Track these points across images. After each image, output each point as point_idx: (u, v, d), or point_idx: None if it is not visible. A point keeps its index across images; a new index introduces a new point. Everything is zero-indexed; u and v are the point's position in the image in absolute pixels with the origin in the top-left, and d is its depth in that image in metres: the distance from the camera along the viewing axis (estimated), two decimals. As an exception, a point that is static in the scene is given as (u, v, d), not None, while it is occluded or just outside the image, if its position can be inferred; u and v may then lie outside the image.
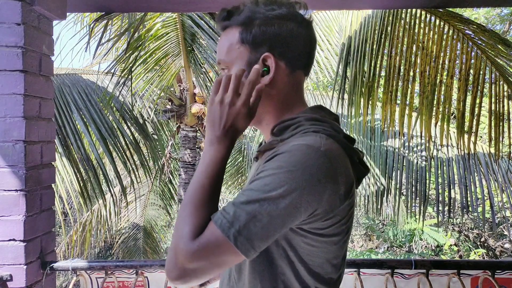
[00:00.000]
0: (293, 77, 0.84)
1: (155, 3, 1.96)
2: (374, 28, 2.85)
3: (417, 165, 3.94)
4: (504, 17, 7.98)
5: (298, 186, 0.69)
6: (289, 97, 0.84)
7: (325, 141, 0.74)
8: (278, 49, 0.81)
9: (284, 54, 0.81)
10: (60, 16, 1.71)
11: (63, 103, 3.29)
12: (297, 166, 0.70)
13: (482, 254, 7.16)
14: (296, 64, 0.83)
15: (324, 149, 0.72)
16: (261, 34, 0.81)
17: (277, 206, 0.68)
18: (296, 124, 0.80)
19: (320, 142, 0.73)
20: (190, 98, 5.24)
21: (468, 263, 1.60)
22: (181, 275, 0.69)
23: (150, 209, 7.28)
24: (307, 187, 0.69)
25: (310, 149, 0.72)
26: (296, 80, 0.84)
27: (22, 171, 1.50)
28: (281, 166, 0.71)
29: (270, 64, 0.81)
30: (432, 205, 6.24)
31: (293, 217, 0.70)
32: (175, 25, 4.18)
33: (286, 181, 0.69)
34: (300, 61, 0.83)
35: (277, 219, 0.69)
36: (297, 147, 0.73)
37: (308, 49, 0.84)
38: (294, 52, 0.82)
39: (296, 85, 0.85)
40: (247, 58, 0.82)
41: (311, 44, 0.84)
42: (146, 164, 4.01)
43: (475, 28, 2.66)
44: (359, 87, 2.86)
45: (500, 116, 2.62)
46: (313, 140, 0.74)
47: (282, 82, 0.83)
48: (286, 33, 0.80)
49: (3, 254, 1.49)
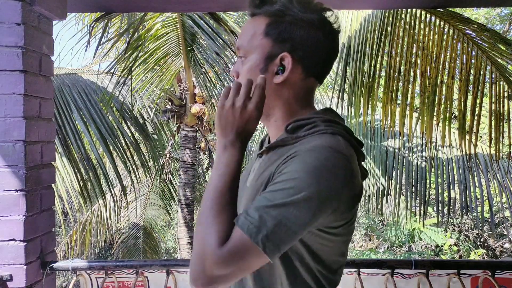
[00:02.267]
0: (306, 82, 0.84)
1: (155, 3, 1.96)
2: (374, 28, 2.85)
3: (417, 165, 3.94)
4: (504, 17, 7.98)
5: (323, 189, 0.70)
6: (299, 100, 0.84)
7: (343, 143, 0.76)
8: (298, 53, 0.80)
9: (303, 59, 0.81)
10: (60, 16, 1.71)
11: (63, 103, 3.29)
12: (320, 169, 0.71)
13: (482, 254, 7.16)
14: (312, 71, 0.83)
15: (344, 152, 0.74)
16: (287, 32, 0.80)
17: (302, 209, 0.69)
18: (312, 124, 0.80)
19: (340, 144, 0.75)
20: (190, 98, 5.24)
21: (468, 263, 1.60)
22: (210, 281, 0.69)
23: (150, 209, 7.28)
24: (331, 190, 0.71)
25: (332, 151, 0.73)
26: (308, 86, 0.85)
27: (22, 171, 1.50)
28: (304, 168, 0.71)
29: (287, 65, 0.80)
30: (432, 205, 6.24)
31: (317, 219, 0.71)
32: (175, 25, 4.18)
33: (310, 184, 0.69)
34: (316, 69, 0.83)
35: (303, 223, 0.69)
36: (319, 149, 0.73)
37: (328, 61, 0.84)
38: (313, 60, 0.82)
39: (308, 90, 0.85)
40: (266, 51, 0.81)
41: (331, 56, 0.85)
42: (146, 164, 4.01)
43: (475, 28, 2.66)
44: (359, 87, 2.85)
45: (500, 116, 2.62)
46: (333, 142, 0.75)
47: (294, 84, 0.83)
48: (311, 41, 0.80)
49: (3, 254, 1.49)
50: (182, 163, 5.57)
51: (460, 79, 2.65)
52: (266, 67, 0.82)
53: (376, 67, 2.81)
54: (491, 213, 3.96)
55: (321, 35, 0.81)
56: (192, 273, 0.71)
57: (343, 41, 3.09)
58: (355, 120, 3.22)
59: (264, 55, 0.82)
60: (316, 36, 0.80)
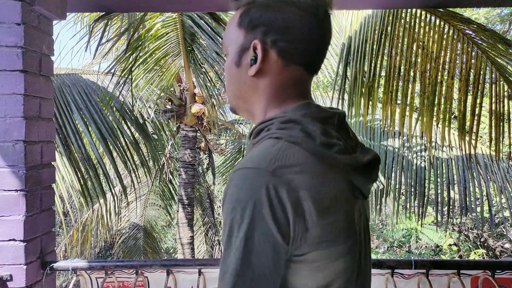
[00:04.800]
0: (288, 72, 0.73)
1: (155, 3, 1.96)
2: (374, 28, 2.85)
3: (417, 165, 3.94)
4: (504, 17, 7.97)
5: (242, 225, 0.60)
6: (280, 92, 0.73)
7: (283, 152, 0.64)
8: (270, 37, 0.71)
9: (277, 43, 0.71)
10: (60, 16, 1.71)
11: (63, 103, 3.29)
12: (239, 202, 0.61)
13: (482, 254, 7.16)
14: (292, 57, 0.72)
15: (272, 169, 0.61)
16: (257, 17, 0.72)
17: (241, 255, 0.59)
18: (267, 126, 0.71)
19: (273, 156, 0.63)
20: (190, 98, 5.24)
21: (468, 263, 1.60)
22: None
23: (150, 209, 7.29)
24: (256, 220, 0.60)
25: (251, 174, 0.62)
26: (292, 75, 0.73)
27: (22, 171, 1.50)
28: (227, 208, 0.62)
29: (258, 53, 0.72)
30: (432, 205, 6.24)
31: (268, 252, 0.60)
32: (175, 25, 4.18)
33: (235, 223, 0.60)
34: (297, 55, 0.72)
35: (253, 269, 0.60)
36: (237, 174, 0.63)
37: (312, 44, 0.72)
38: (289, 42, 0.71)
39: (291, 80, 0.73)
40: (240, 43, 0.74)
41: (313, 36, 0.71)
42: (146, 164, 4.01)
43: (475, 28, 2.66)
44: (359, 87, 2.85)
45: (500, 116, 2.62)
46: (264, 154, 0.64)
47: (272, 74, 0.73)
48: (285, 21, 0.70)
49: (3, 254, 1.49)
50: (182, 163, 5.57)
51: (460, 79, 2.65)
52: (240, 59, 0.75)
53: (376, 67, 2.81)
54: (491, 213, 3.96)
55: (293, 12, 0.70)
56: None
57: (343, 41, 3.09)
58: (355, 120, 3.22)
59: (237, 47, 0.75)
60: (287, 14, 0.70)
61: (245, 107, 0.79)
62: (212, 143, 6.41)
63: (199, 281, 1.60)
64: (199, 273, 1.61)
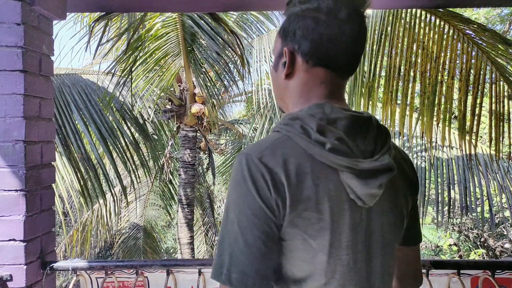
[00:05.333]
0: (312, 73, 0.80)
1: (155, 3, 1.96)
2: (374, 28, 2.85)
3: (417, 165, 3.94)
4: (504, 17, 7.98)
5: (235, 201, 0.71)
6: (305, 92, 0.81)
7: (277, 143, 0.73)
8: (296, 44, 0.79)
9: (300, 47, 0.79)
10: (60, 16, 1.71)
11: (63, 103, 3.29)
12: (233, 179, 0.72)
13: (482, 254, 7.16)
14: (315, 60, 0.79)
15: (261, 155, 0.71)
16: (287, 27, 0.81)
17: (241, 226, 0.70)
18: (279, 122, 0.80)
19: (266, 145, 0.73)
20: (190, 98, 5.24)
21: (468, 263, 1.60)
22: None
23: (150, 209, 7.29)
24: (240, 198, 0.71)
25: (242, 159, 0.72)
26: (315, 76, 0.80)
27: (22, 171, 1.50)
28: (229, 185, 0.75)
29: (286, 58, 0.81)
30: (431, 205, 6.24)
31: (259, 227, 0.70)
32: (175, 25, 4.18)
33: (230, 200, 0.72)
34: (319, 58, 0.78)
35: (248, 238, 0.70)
36: (236, 159, 0.75)
37: (330, 44, 0.77)
38: (310, 46, 0.78)
39: (316, 81, 0.80)
40: (278, 50, 0.85)
41: (334, 38, 0.77)
42: (146, 164, 4.01)
43: (475, 28, 2.66)
44: (359, 87, 2.86)
45: (501, 116, 2.62)
46: (261, 143, 0.74)
47: (299, 77, 0.81)
48: (304, 26, 0.78)
49: (3, 254, 1.49)
50: (182, 163, 5.58)
51: (460, 79, 2.65)
52: (277, 64, 0.85)
53: (376, 67, 2.81)
54: (491, 213, 3.95)
55: (316, 18, 0.77)
56: None
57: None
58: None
59: (276, 54, 0.85)
60: (310, 21, 0.77)
61: (284, 107, 0.88)
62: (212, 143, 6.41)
63: (199, 281, 1.60)
64: (199, 273, 1.61)
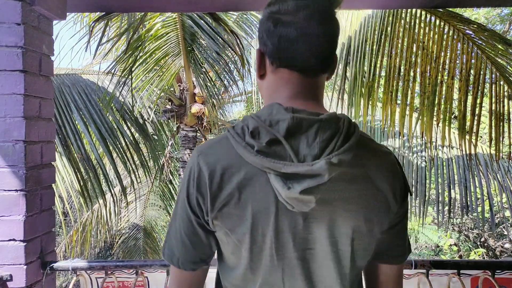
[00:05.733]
0: (277, 74, 0.80)
1: (155, 3, 1.96)
2: (374, 28, 2.85)
3: (417, 165, 3.94)
4: (504, 17, 7.98)
5: (180, 190, 0.80)
6: (272, 93, 0.82)
7: (218, 142, 0.78)
8: (263, 46, 0.80)
9: (265, 51, 0.80)
10: (60, 16, 1.71)
11: (63, 103, 3.29)
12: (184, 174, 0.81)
13: (482, 254, 7.16)
14: (278, 62, 0.79)
15: (201, 152, 0.78)
16: (259, 30, 0.82)
17: (173, 215, 0.83)
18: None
19: (211, 144, 0.79)
20: (190, 98, 5.24)
21: (468, 263, 1.60)
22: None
23: (150, 209, 7.28)
24: (182, 188, 0.80)
25: (192, 155, 0.80)
26: (280, 77, 0.80)
27: (22, 171, 1.50)
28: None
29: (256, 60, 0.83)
30: (432, 205, 6.23)
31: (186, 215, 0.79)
32: (175, 25, 4.18)
33: (179, 190, 0.83)
34: (279, 59, 0.78)
35: (176, 223, 0.82)
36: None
37: (290, 45, 0.76)
38: (272, 49, 0.78)
39: (280, 82, 0.80)
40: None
41: (293, 39, 0.76)
42: (146, 164, 4.01)
43: (475, 28, 2.66)
44: (359, 87, 2.85)
45: (501, 116, 2.62)
46: (209, 142, 0.81)
47: (268, 78, 0.82)
48: (266, 29, 0.78)
49: (3, 254, 1.49)
50: (182, 163, 5.57)
51: (460, 79, 2.65)
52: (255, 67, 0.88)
53: (376, 67, 2.81)
54: (491, 213, 3.95)
55: (276, 21, 0.77)
56: None
57: (343, 40, 3.09)
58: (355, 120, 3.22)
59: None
60: (269, 26, 0.78)
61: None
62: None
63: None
64: (199, 273, 1.61)
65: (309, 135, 0.72)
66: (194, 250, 0.81)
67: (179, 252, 0.81)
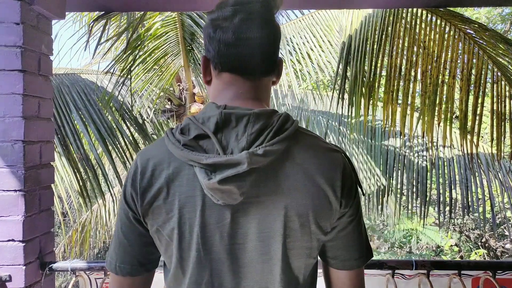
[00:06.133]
0: (219, 78, 0.82)
1: (155, 3, 1.95)
2: (375, 28, 2.84)
3: (418, 165, 3.93)
4: (505, 16, 7.98)
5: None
6: (217, 96, 0.83)
7: (158, 141, 0.80)
8: (207, 52, 0.83)
9: (209, 56, 0.82)
10: (59, 15, 1.71)
11: (62, 103, 3.28)
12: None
13: (483, 255, 7.16)
14: (218, 66, 0.81)
15: (141, 152, 0.81)
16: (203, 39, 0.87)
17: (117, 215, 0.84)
18: None
19: (150, 146, 0.81)
20: (190, 97, 5.23)
21: (469, 263, 1.59)
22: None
23: (150, 209, 7.25)
24: (123, 189, 0.81)
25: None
26: (222, 82, 0.82)
27: (21, 171, 1.49)
28: None
29: (201, 66, 0.85)
30: (433, 205, 6.23)
31: (124, 217, 0.81)
32: (174, 25, 4.17)
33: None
34: (220, 64, 0.80)
35: (118, 226, 0.83)
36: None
37: (226, 52, 0.78)
38: (212, 54, 0.81)
39: (222, 85, 0.82)
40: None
41: (230, 43, 0.78)
42: (146, 164, 3.99)
43: (476, 28, 2.65)
44: (360, 86, 2.84)
45: (502, 116, 2.61)
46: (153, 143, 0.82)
47: (213, 82, 0.84)
48: (207, 35, 0.81)
49: (2, 255, 1.49)
50: (182, 163, 5.56)
51: (461, 79, 2.64)
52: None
53: (376, 66, 2.80)
54: (493, 213, 3.95)
55: (212, 28, 0.80)
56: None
57: (344, 40, 3.08)
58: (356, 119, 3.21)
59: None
60: (208, 31, 0.81)
61: None
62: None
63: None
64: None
65: (239, 129, 0.73)
66: (131, 249, 0.81)
67: (117, 253, 0.82)
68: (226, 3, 0.79)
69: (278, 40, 0.81)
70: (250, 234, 0.75)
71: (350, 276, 0.83)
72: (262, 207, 0.74)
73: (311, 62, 4.42)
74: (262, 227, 0.74)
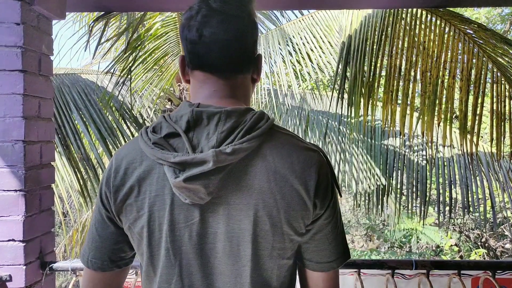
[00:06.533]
0: (193, 76, 0.83)
1: (155, 3, 1.95)
2: (375, 28, 2.84)
3: (418, 164, 3.93)
4: (505, 16, 7.98)
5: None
6: (194, 94, 0.83)
7: (133, 140, 0.81)
8: (184, 52, 0.83)
9: (185, 54, 0.83)
10: (59, 15, 1.71)
11: (62, 103, 3.28)
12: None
13: (483, 255, 7.16)
14: (189, 64, 0.82)
15: (118, 152, 0.81)
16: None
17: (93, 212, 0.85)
18: None
19: (127, 144, 0.82)
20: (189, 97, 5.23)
21: (468, 263, 1.59)
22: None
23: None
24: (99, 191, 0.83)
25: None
26: (196, 80, 0.82)
27: (22, 171, 1.50)
28: None
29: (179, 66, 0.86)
30: (433, 205, 6.23)
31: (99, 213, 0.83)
32: (174, 25, 4.17)
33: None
34: (191, 62, 0.81)
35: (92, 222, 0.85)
36: None
37: (194, 49, 0.79)
38: (185, 54, 0.82)
39: (197, 83, 0.82)
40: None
41: (195, 44, 0.78)
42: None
43: (476, 28, 2.66)
44: (359, 86, 2.85)
45: (502, 116, 2.61)
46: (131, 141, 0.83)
47: (191, 81, 0.84)
48: (181, 34, 0.81)
49: (2, 255, 1.49)
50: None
51: (461, 79, 2.65)
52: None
53: (376, 66, 2.80)
54: (493, 213, 3.95)
55: (181, 29, 0.81)
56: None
57: (343, 40, 3.08)
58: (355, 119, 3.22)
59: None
60: (180, 31, 0.82)
61: None
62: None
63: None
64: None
65: (210, 128, 0.72)
66: (103, 246, 0.83)
67: (90, 248, 0.84)
68: (195, 2, 0.80)
69: (247, 36, 0.78)
70: (219, 234, 0.74)
71: (325, 277, 0.81)
72: (231, 207, 0.73)
73: (311, 62, 4.42)
74: (230, 227, 0.73)
